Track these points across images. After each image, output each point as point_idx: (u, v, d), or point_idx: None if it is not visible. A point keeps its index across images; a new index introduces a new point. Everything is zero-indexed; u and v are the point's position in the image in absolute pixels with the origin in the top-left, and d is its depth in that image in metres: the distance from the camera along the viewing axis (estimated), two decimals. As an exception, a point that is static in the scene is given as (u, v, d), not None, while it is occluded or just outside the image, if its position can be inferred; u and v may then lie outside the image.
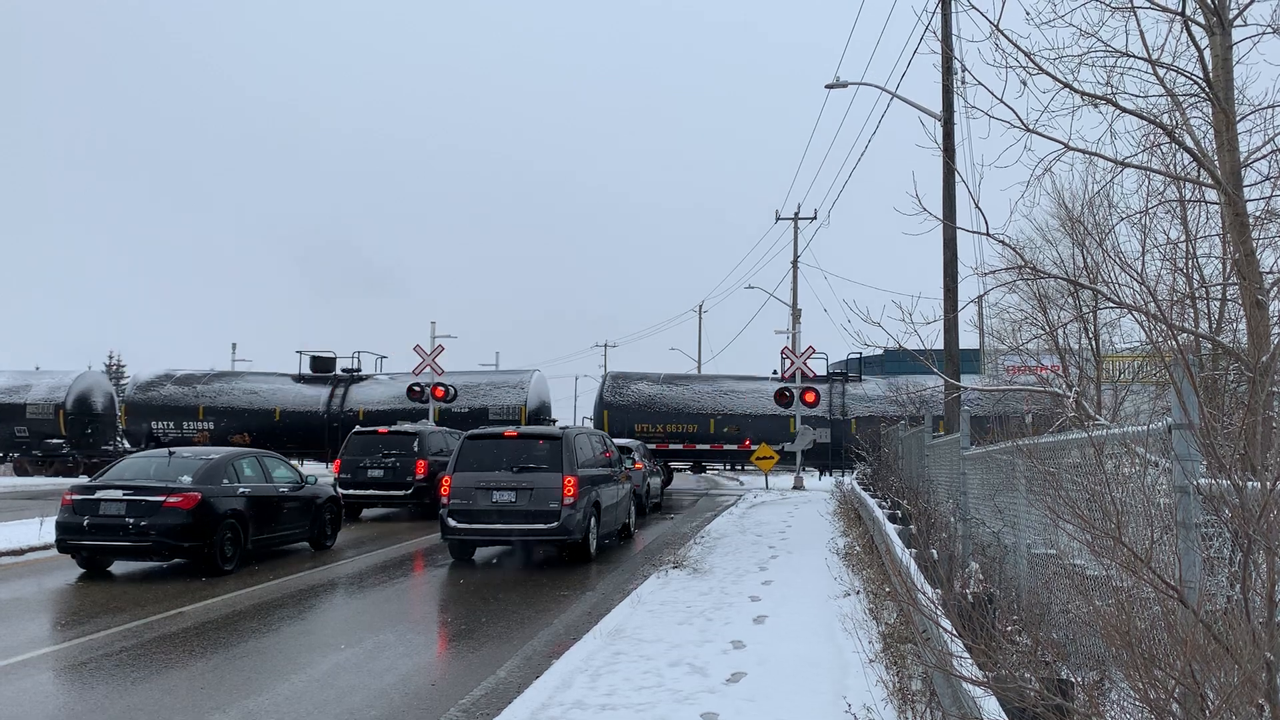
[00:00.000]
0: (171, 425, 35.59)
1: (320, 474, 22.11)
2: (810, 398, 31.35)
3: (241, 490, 13.92)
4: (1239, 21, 7.96)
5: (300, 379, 36.57)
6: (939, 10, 17.22)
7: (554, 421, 35.98)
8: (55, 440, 36.13)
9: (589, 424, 33.79)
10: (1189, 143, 8.14)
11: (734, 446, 32.31)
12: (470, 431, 16.14)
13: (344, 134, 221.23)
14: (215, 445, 35.25)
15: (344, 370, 36.87)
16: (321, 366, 36.75)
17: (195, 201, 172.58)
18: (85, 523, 12.83)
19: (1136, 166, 9.00)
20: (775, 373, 33.11)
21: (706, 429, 32.22)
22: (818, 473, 34.93)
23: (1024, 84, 7.79)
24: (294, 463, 18.63)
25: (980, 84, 7.29)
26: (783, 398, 31.54)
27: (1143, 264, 8.96)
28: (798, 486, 31.50)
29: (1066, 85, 7.87)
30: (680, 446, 32.32)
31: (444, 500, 14.54)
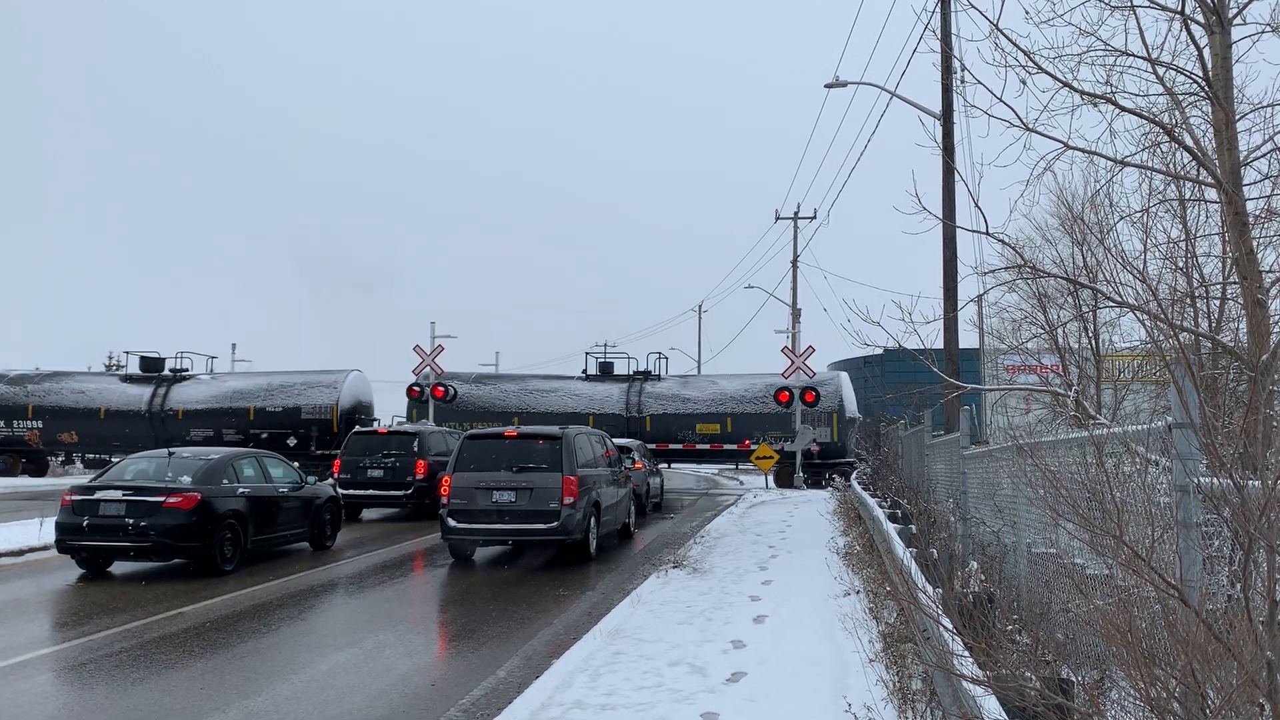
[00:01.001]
0: (2, 424, 36.15)
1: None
2: (809, 397, 31.43)
3: (241, 490, 13.91)
4: (1238, 20, 7.95)
5: (127, 379, 37.02)
6: (938, 9, 17.21)
7: (376, 421, 35.73)
8: None
9: (400, 422, 33.94)
10: (1189, 141, 8.12)
11: None
12: (470, 431, 16.23)
13: (344, 136, 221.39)
14: (45, 444, 36.06)
15: (171, 370, 37.19)
16: (150, 367, 37.19)
17: (196, 202, 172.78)
18: (85, 523, 12.82)
19: (1136, 165, 8.99)
20: (584, 373, 35.95)
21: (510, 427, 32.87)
22: None
23: (1023, 83, 7.78)
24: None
25: (980, 83, 7.28)
26: (783, 397, 31.62)
27: (1143, 263, 8.96)
28: (796, 486, 31.54)
29: (1066, 84, 7.86)
30: None
31: (444, 500, 14.54)
